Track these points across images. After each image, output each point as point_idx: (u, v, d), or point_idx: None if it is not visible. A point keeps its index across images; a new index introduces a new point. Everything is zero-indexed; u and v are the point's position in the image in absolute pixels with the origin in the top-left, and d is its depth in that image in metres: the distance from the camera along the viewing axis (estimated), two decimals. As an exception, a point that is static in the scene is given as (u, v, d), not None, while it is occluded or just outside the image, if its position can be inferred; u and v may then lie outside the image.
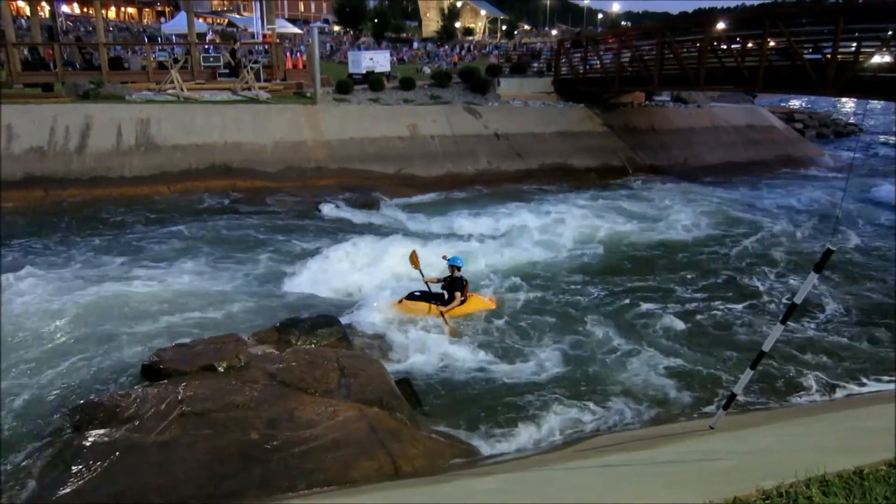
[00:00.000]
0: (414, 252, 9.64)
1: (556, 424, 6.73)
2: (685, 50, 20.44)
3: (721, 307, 10.31)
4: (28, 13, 31.25)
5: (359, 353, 7.72)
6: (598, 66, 24.02)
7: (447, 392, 7.40)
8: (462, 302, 9.51)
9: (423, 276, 9.55)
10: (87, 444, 5.49)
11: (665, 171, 22.38)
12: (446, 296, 9.52)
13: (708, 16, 26.10)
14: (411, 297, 9.57)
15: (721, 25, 21.15)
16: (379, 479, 5.19)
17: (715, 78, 19.12)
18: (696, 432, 5.50)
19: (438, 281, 9.67)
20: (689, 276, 11.73)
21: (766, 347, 4.61)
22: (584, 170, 21.56)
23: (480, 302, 9.80)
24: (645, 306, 10.22)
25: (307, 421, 5.82)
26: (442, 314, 9.19)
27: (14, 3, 38.61)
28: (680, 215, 16.11)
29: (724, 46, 19.56)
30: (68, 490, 4.91)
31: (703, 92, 26.33)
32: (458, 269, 9.64)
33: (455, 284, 9.50)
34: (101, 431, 5.62)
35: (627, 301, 10.46)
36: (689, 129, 25.49)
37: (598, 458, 5.38)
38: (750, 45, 19.22)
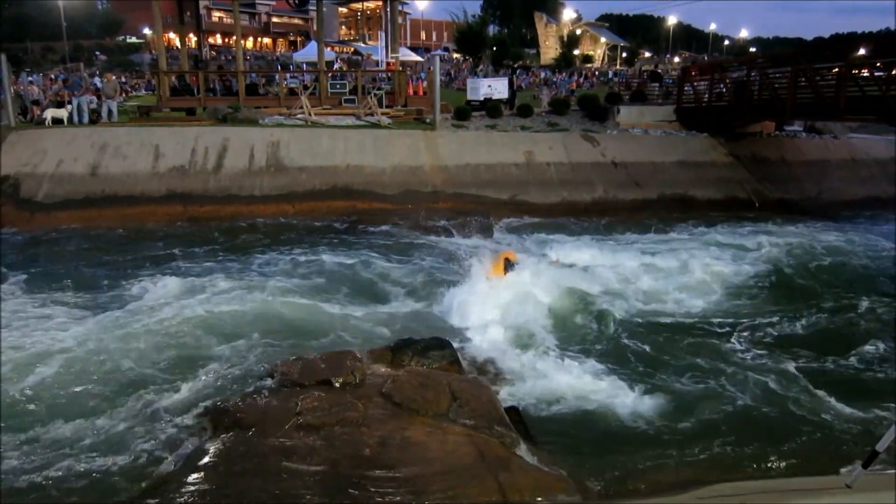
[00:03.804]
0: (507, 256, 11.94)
1: (674, 466, 6.41)
2: (821, 78, 19.22)
3: (861, 354, 9.46)
4: (178, 45, 34.27)
5: (470, 377, 7.73)
6: (725, 93, 23.07)
7: (558, 423, 7.24)
8: None
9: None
10: (214, 446, 5.83)
11: (796, 206, 20.99)
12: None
13: (848, 41, 24.51)
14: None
15: (862, 51, 19.83)
16: (486, 507, 5.15)
17: (855, 108, 17.83)
18: (831, 489, 5.05)
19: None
20: (824, 318, 10.88)
21: (918, 403, 4.20)
22: (707, 202, 20.59)
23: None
24: (776, 351, 9.55)
25: (417, 443, 5.88)
26: None
27: (167, 35, 42.41)
28: (813, 253, 15.03)
29: (866, 73, 18.23)
30: (193, 488, 5.23)
31: (840, 122, 24.66)
32: None
33: None
34: (227, 435, 5.95)
35: (759, 343, 9.80)
36: (824, 162, 23.86)
37: (720, 507, 5.08)
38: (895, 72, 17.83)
